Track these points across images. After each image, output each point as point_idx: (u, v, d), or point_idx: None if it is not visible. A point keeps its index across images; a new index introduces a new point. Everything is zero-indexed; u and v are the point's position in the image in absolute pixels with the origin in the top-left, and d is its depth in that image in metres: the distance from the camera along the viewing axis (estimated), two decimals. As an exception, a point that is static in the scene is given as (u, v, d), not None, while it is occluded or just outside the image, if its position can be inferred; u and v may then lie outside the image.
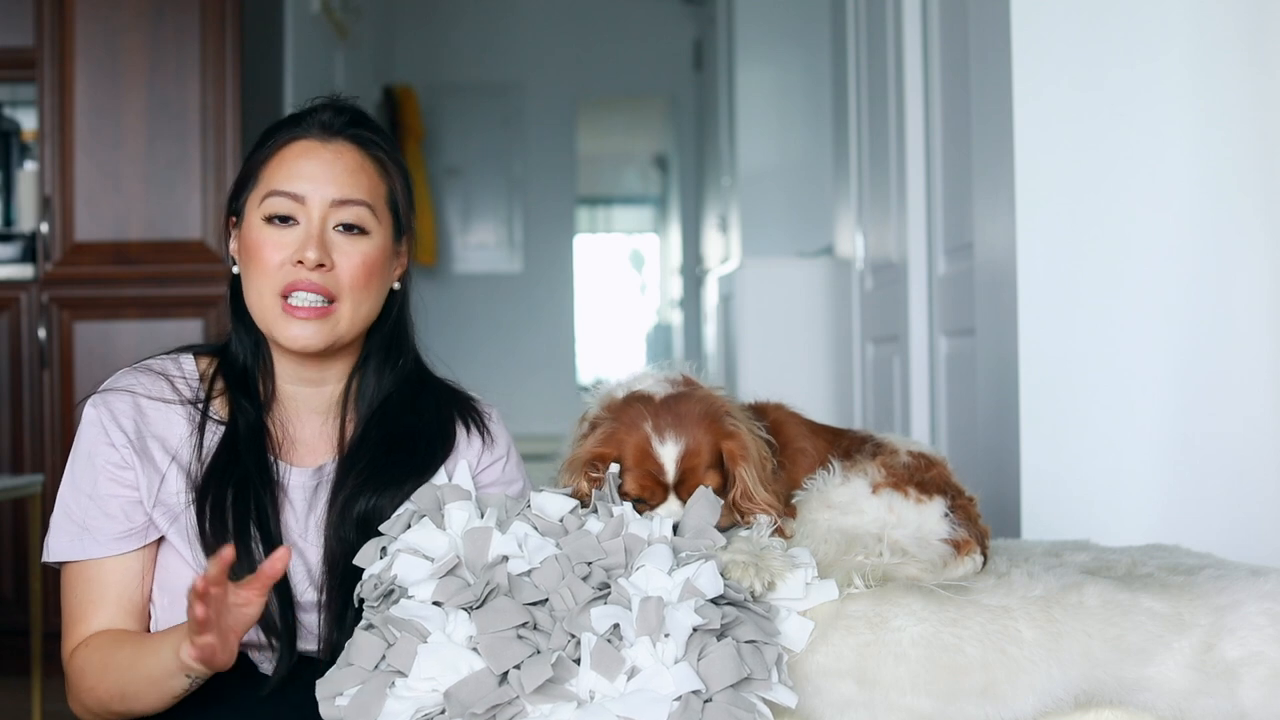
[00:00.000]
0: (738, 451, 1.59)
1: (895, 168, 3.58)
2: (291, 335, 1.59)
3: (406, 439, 1.66)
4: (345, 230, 1.59)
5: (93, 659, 1.54)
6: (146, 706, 1.52)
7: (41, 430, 3.85)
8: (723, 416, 1.60)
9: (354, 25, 5.67)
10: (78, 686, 1.55)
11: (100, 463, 1.57)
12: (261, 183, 1.61)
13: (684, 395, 1.62)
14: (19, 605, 3.74)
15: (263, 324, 1.61)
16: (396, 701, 1.39)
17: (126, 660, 1.51)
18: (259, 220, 1.59)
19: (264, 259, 1.58)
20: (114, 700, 1.52)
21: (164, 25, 3.90)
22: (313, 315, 1.58)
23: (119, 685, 1.51)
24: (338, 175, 1.59)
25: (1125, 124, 2.50)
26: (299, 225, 1.58)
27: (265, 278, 1.58)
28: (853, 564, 1.59)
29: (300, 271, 1.57)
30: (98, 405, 1.59)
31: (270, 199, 1.59)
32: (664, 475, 1.57)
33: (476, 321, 7.61)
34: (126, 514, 1.57)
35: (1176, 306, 2.49)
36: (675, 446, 1.57)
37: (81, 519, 1.57)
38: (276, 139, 1.62)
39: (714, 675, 1.36)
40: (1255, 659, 1.49)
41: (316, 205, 1.58)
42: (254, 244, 1.59)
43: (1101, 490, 2.48)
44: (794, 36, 5.56)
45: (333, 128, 1.62)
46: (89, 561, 1.56)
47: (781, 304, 4.54)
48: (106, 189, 3.89)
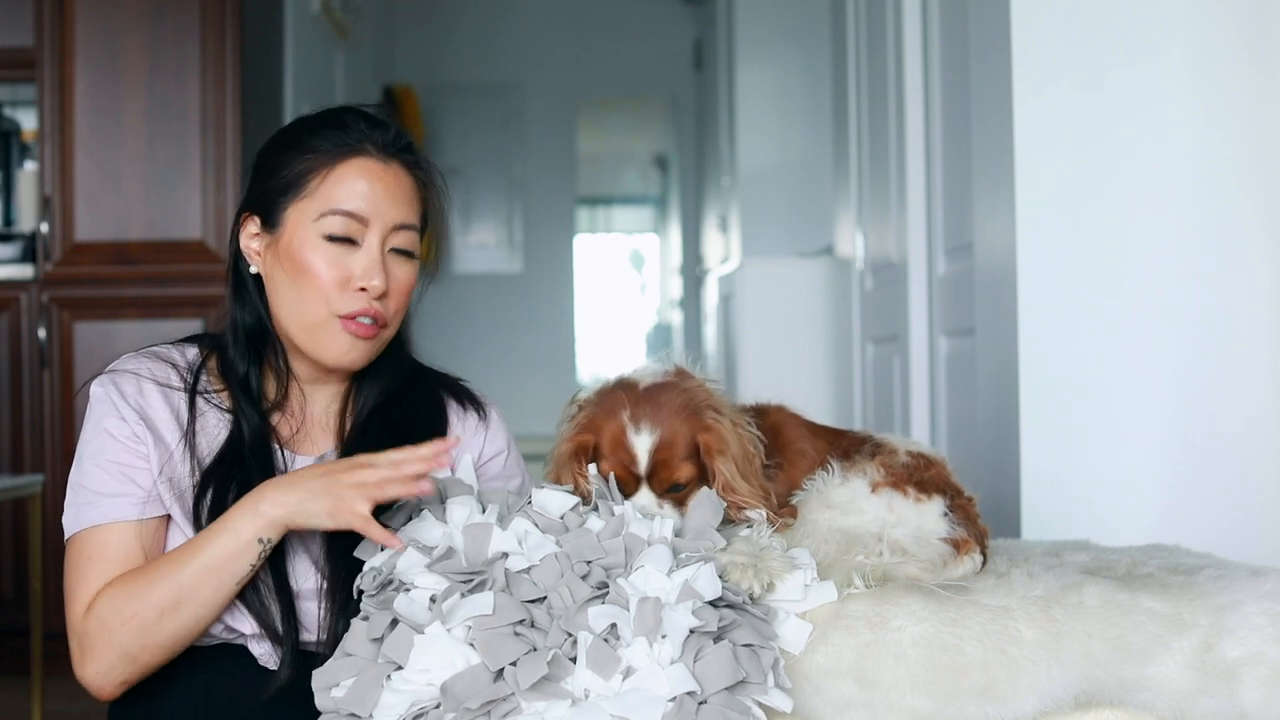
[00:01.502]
0: (714, 445, 1.58)
1: (895, 168, 3.58)
2: (339, 350, 1.60)
3: (404, 429, 1.66)
4: (397, 254, 1.60)
5: (126, 587, 1.50)
6: (202, 608, 1.49)
7: (41, 430, 3.85)
8: (703, 409, 1.60)
9: (354, 25, 5.67)
10: (111, 627, 1.49)
11: (112, 431, 1.56)
12: (315, 195, 1.57)
13: (668, 385, 1.62)
14: (19, 605, 3.74)
15: (304, 334, 1.60)
16: (392, 694, 1.40)
17: (174, 565, 1.49)
18: (314, 235, 1.57)
19: (320, 276, 1.57)
20: (164, 613, 1.48)
21: (164, 25, 3.90)
22: (367, 334, 1.60)
23: (171, 593, 1.48)
24: (398, 199, 1.60)
25: (1125, 124, 2.50)
26: (359, 248, 1.57)
27: (320, 296, 1.57)
28: (853, 564, 1.59)
29: (363, 299, 1.58)
30: (105, 385, 1.58)
31: (331, 217, 1.56)
32: (636, 466, 1.57)
33: (476, 321, 7.62)
34: (135, 480, 1.56)
35: (1176, 306, 2.49)
36: (649, 437, 1.57)
37: (91, 486, 1.55)
38: (328, 150, 1.58)
39: (709, 677, 1.36)
40: (1255, 659, 1.49)
41: (378, 229, 1.58)
42: (306, 260, 1.57)
43: (1101, 490, 2.49)
44: (794, 36, 5.56)
45: (389, 149, 1.61)
46: (101, 527, 1.54)
47: (781, 304, 4.54)
48: (106, 189, 3.89)
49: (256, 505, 1.48)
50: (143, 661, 1.51)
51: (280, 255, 1.59)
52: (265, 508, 1.48)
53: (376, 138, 1.60)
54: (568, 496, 1.54)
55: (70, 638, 1.54)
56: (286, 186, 1.59)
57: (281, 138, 1.64)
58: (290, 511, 1.48)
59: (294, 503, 1.47)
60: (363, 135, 1.60)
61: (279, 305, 1.60)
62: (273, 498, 1.48)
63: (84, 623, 1.51)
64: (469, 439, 1.73)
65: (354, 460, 1.50)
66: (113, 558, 1.53)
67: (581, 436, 1.61)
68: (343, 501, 1.46)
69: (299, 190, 1.58)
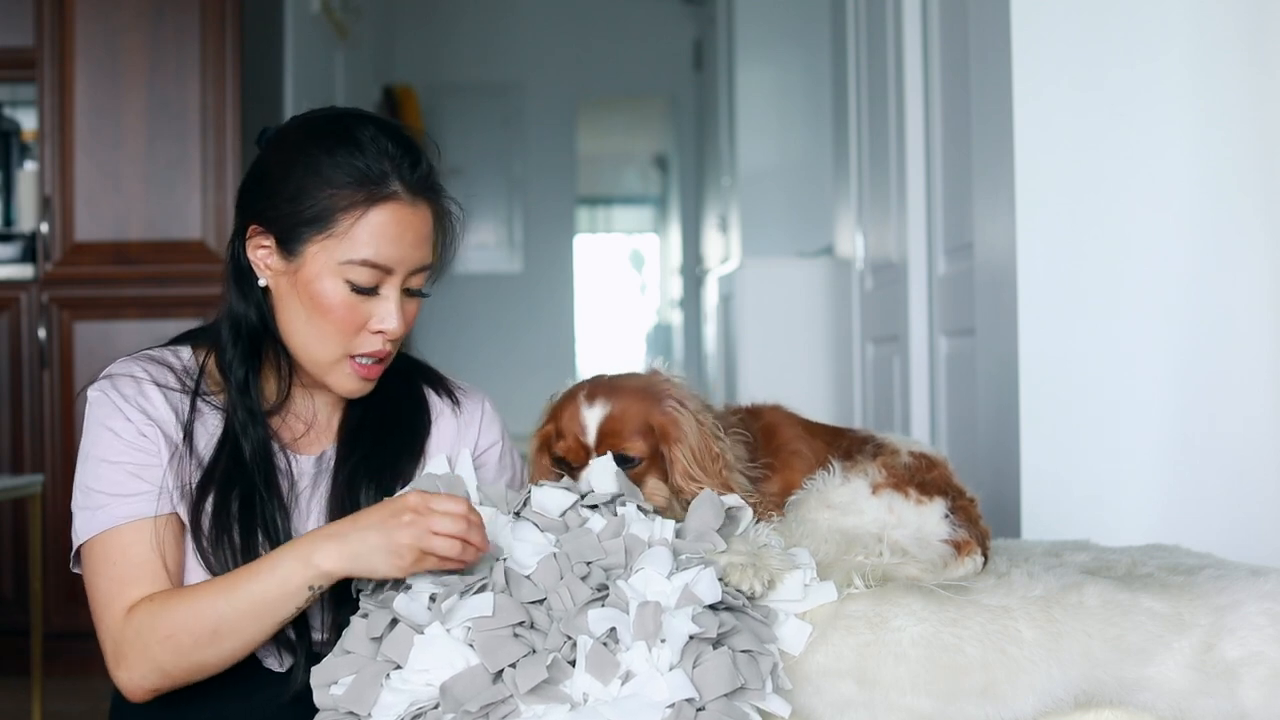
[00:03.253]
0: (671, 431, 1.58)
1: (895, 168, 3.58)
2: (347, 388, 1.61)
3: (396, 421, 1.68)
4: (410, 293, 1.60)
5: (167, 605, 1.49)
6: (240, 642, 1.48)
7: (41, 430, 3.85)
8: (664, 397, 1.61)
9: (354, 25, 5.67)
10: (147, 641, 1.48)
11: (118, 430, 1.55)
12: (343, 238, 1.53)
13: (632, 374, 1.65)
14: (19, 605, 3.74)
15: (312, 364, 1.60)
16: (391, 694, 1.40)
17: (219, 596, 1.47)
18: (338, 279, 1.54)
19: (339, 320, 1.56)
20: (200, 641, 1.47)
21: (164, 25, 3.90)
22: (372, 375, 1.60)
23: (211, 624, 1.47)
24: (421, 243, 1.58)
25: (1125, 124, 2.50)
26: (379, 294, 1.57)
27: (336, 338, 1.56)
28: (853, 564, 1.59)
29: (378, 341, 1.58)
30: (104, 389, 1.57)
31: (358, 268, 1.54)
32: (585, 436, 1.58)
33: (476, 321, 7.61)
34: (146, 479, 1.54)
35: (1176, 306, 2.49)
36: (600, 410, 1.59)
37: (102, 488, 1.54)
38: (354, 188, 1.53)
39: (708, 684, 1.36)
40: (1255, 659, 1.49)
41: (401, 276, 1.57)
42: (327, 301, 1.55)
43: (1101, 490, 2.49)
44: (794, 36, 5.56)
45: (419, 188, 1.58)
46: (119, 529, 1.52)
47: (781, 304, 4.54)
48: (106, 189, 3.89)
49: (309, 556, 1.46)
50: (176, 678, 1.50)
51: (298, 287, 1.56)
52: (318, 559, 1.46)
53: (406, 175, 1.56)
54: (566, 494, 1.54)
55: (104, 639, 1.53)
56: (311, 220, 1.54)
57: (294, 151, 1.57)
58: (346, 565, 1.46)
59: (350, 555, 1.45)
60: (388, 171, 1.54)
61: (291, 331, 1.59)
62: (325, 549, 1.46)
63: (122, 629, 1.51)
64: (463, 430, 1.73)
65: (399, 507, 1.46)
66: (137, 559, 1.52)
67: (545, 429, 1.64)
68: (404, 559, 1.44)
69: (325, 227, 1.53)
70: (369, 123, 1.58)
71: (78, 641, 3.76)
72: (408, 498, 1.46)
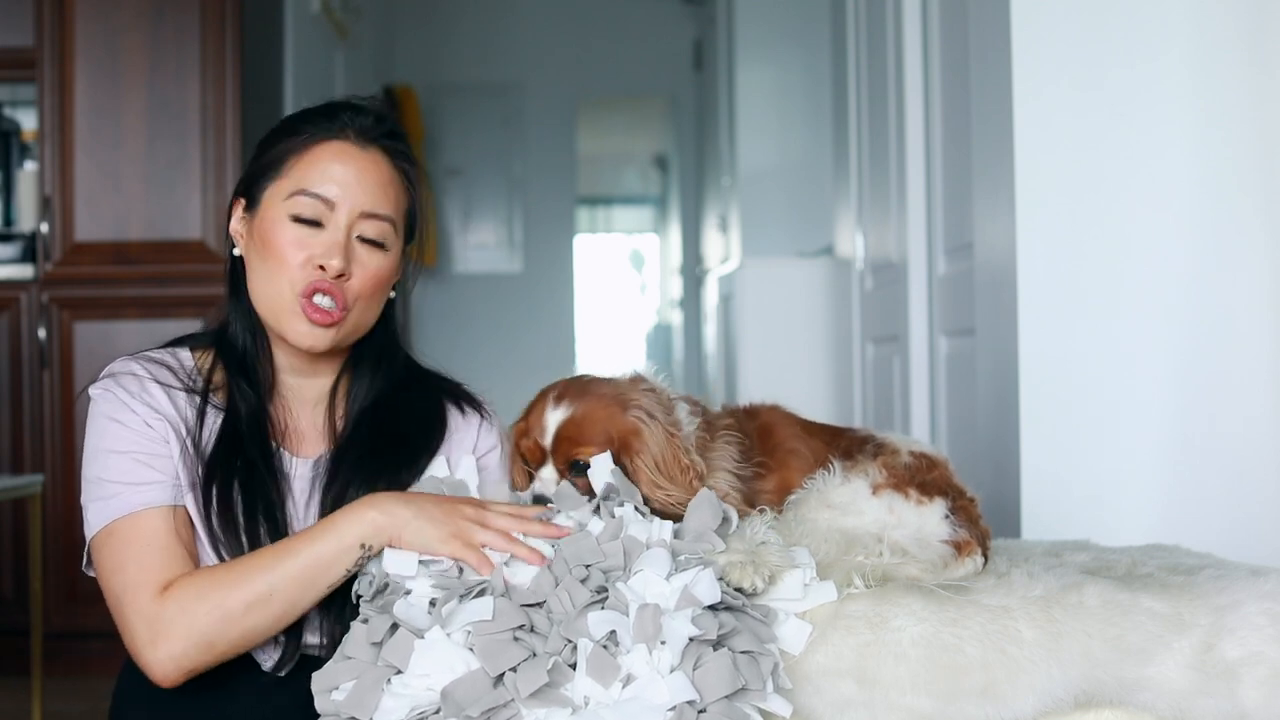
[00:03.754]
0: (632, 442, 1.57)
1: (895, 168, 3.58)
2: (300, 333, 1.59)
3: (396, 435, 1.67)
4: (366, 243, 1.60)
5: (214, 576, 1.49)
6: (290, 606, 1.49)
7: (41, 430, 3.85)
8: (631, 406, 1.59)
9: (354, 25, 5.67)
10: (193, 613, 1.47)
11: (125, 423, 1.55)
12: (289, 176, 1.59)
13: (605, 380, 1.63)
14: (19, 605, 3.74)
15: (270, 315, 1.61)
16: (392, 698, 1.40)
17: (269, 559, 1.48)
18: (283, 215, 1.58)
19: (285, 257, 1.58)
20: (250, 606, 1.47)
21: (164, 25, 3.90)
22: (325, 321, 1.59)
23: (262, 587, 1.47)
24: (369, 186, 1.59)
25: (1125, 124, 2.50)
26: (324, 230, 1.58)
27: (284, 274, 1.58)
28: (853, 564, 1.59)
29: (320, 275, 1.58)
30: (107, 386, 1.58)
31: (298, 198, 1.58)
32: (544, 437, 1.58)
33: (476, 321, 7.61)
34: (158, 469, 1.55)
35: (1176, 306, 2.49)
36: (561, 413, 1.58)
37: (114, 478, 1.53)
38: (310, 133, 1.60)
39: (709, 685, 1.36)
40: (1255, 659, 1.49)
41: (345, 213, 1.58)
42: (274, 239, 1.58)
43: (1102, 490, 2.49)
44: (794, 36, 5.56)
45: (369, 135, 1.61)
46: (135, 514, 1.52)
47: (781, 304, 4.54)
48: (106, 189, 3.89)
49: (365, 511, 1.48)
50: (218, 651, 1.49)
51: (255, 234, 1.61)
52: (374, 515, 1.48)
53: (359, 123, 1.61)
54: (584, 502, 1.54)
55: (134, 621, 1.50)
56: (267, 167, 1.61)
57: (278, 125, 1.66)
58: (401, 525, 1.47)
59: (408, 517, 1.48)
60: (346, 121, 1.61)
61: (253, 284, 1.62)
62: (384, 506, 1.48)
63: (159, 607, 1.49)
64: (468, 435, 1.73)
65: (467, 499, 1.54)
66: (161, 543, 1.52)
67: (519, 424, 1.63)
68: (464, 532, 1.47)
69: (277, 171, 1.60)
70: (353, 104, 1.64)
71: (78, 641, 3.76)
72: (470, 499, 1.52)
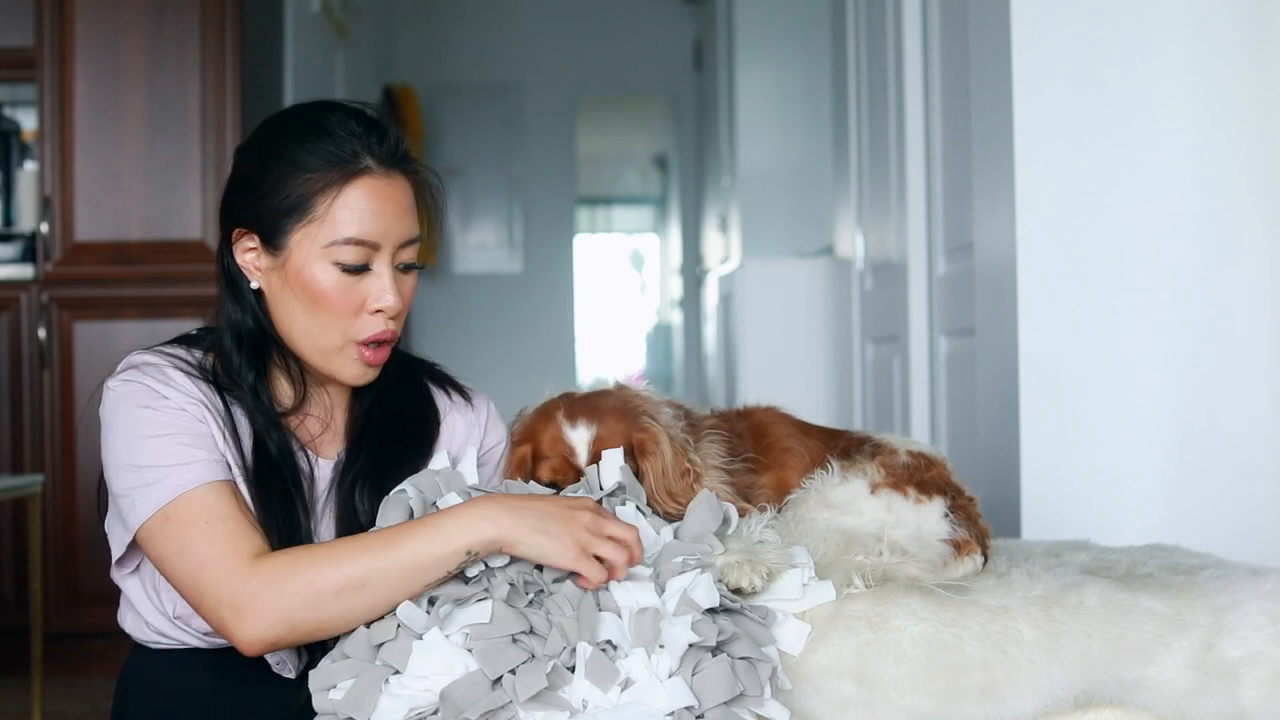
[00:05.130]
0: (649, 447, 1.60)
1: (895, 168, 3.58)
2: (353, 375, 1.59)
3: (400, 427, 1.66)
4: (403, 268, 1.59)
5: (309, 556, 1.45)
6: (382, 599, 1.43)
7: (41, 430, 3.85)
8: (639, 414, 1.63)
9: (354, 25, 5.67)
10: (281, 589, 1.42)
11: (157, 406, 1.51)
12: (323, 221, 1.53)
13: (603, 392, 1.67)
14: (19, 605, 3.74)
15: (318, 356, 1.58)
16: (390, 699, 1.39)
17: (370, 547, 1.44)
18: (325, 263, 1.53)
19: (335, 305, 1.54)
20: (345, 591, 1.42)
21: (164, 25, 3.90)
22: (380, 360, 1.59)
23: (358, 574, 1.42)
24: (403, 215, 1.57)
25: (1125, 123, 2.50)
26: (371, 272, 1.55)
27: (337, 323, 1.55)
28: (852, 564, 1.59)
29: (380, 321, 1.56)
30: (130, 378, 1.53)
31: (343, 248, 1.53)
32: (575, 458, 1.60)
33: (476, 321, 7.61)
34: (205, 446, 1.51)
35: (1177, 306, 2.49)
36: (587, 431, 1.60)
37: (160, 461, 1.48)
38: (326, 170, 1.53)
39: (708, 691, 1.37)
40: (1255, 659, 1.49)
41: (389, 251, 1.56)
42: (321, 288, 1.54)
43: (1102, 490, 2.49)
44: (794, 36, 5.56)
45: (389, 161, 1.56)
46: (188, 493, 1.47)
47: (781, 304, 4.54)
48: (106, 189, 3.89)
49: (477, 521, 1.43)
50: (300, 632, 1.45)
51: (289, 280, 1.55)
52: (485, 525, 1.43)
53: (375, 149, 1.55)
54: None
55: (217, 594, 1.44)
56: (290, 209, 1.53)
57: (267, 149, 1.57)
58: (515, 537, 1.43)
59: (523, 530, 1.43)
60: (358, 149, 1.54)
61: (290, 326, 1.57)
62: (496, 517, 1.43)
63: (246, 579, 1.44)
64: (470, 429, 1.72)
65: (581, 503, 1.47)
66: (224, 515, 1.47)
67: (520, 449, 1.64)
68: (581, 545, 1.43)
69: (304, 214, 1.53)
70: (334, 109, 1.59)
71: (78, 641, 3.76)
72: (584, 501, 1.47)
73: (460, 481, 1.57)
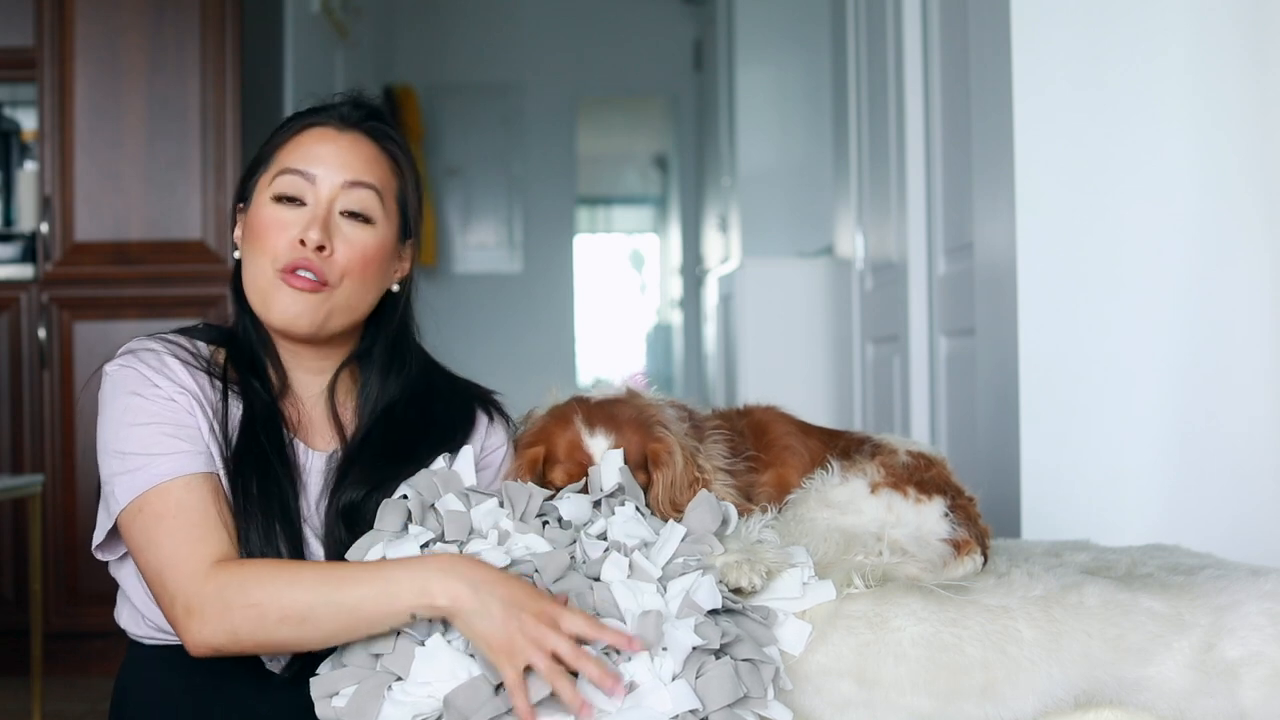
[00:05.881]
0: (663, 458, 1.60)
1: (895, 168, 3.58)
2: (282, 307, 1.57)
3: (411, 443, 1.63)
4: (351, 217, 1.58)
5: (262, 575, 1.44)
6: (323, 637, 1.43)
7: (41, 430, 3.85)
8: (653, 424, 1.63)
9: (354, 25, 5.67)
10: (230, 603, 1.42)
11: (148, 395, 1.53)
12: (274, 164, 1.60)
13: (618, 400, 1.66)
14: (19, 605, 3.74)
15: (258, 301, 1.59)
16: (393, 706, 1.39)
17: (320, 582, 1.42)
18: (268, 199, 1.58)
19: (269, 238, 1.57)
20: (286, 621, 1.42)
21: (164, 25, 3.90)
22: (305, 287, 1.56)
23: (302, 608, 1.41)
24: (350, 161, 1.59)
25: (1125, 122, 2.50)
26: (306, 206, 1.57)
27: (266, 255, 1.57)
28: (852, 563, 1.59)
29: (303, 252, 1.55)
30: (126, 362, 1.55)
31: (280, 177, 1.58)
32: (592, 465, 1.59)
33: (476, 321, 7.61)
34: (189, 439, 1.52)
35: (1177, 306, 2.49)
36: (605, 439, 1.60)
37: (141, 449, 1.50)
38: (293, 124, 1.62)
39: (711, 694, 1.36)
40: (1255, 659, 1.49)
41: (326, 186, 1.58)
42: (260, 223, 1.58)
43: (1102, 490, 2.49)
44: (794, 36, 5.56)
45: (350, 119, 1.62)
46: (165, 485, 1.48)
47: (781, 304, 4.54)
48: (106, 189, 3.89)
49: (430, 586, 1.39)
50: (246, 646, 1.45)
51: (246, 230, 1.61)
52: (437, 591, 1.39)
53: (340, 111, 1.62)
54: (589, 501, 1.54)
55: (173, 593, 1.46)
56: (256, 165, 1.63)
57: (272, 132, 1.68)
58: (461, 611, 1.38)
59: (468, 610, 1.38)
60: (332, 110, 1.63)
61: (246, 278, 1.60)
62: (447, 587, 1.39)
63: (201, 586, 1.44)
64: (479, 432, 1.71)
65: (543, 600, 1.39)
66: (198, 514, 1.47)
67: (533, 450, 1.63)
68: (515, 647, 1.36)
69: (265, 165, 1.61)
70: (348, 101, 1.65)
71: (78, 641, 3.76)
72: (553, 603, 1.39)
73: (458, 482, 1.57)
